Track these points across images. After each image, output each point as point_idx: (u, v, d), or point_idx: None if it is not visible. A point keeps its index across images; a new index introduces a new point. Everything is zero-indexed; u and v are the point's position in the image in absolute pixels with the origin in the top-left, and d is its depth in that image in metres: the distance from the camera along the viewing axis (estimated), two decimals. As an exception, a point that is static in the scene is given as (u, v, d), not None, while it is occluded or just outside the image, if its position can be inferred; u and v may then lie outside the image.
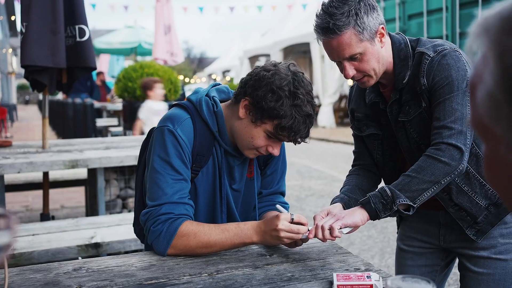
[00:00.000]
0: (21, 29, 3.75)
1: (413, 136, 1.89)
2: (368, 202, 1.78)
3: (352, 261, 1.74)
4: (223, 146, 1.88)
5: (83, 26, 3.86)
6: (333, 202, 1.96)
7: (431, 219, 2.07)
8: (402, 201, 1.75)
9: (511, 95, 0.57)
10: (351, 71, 1.82)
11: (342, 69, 1.85)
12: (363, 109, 2.06)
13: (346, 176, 2.16)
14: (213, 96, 1.90)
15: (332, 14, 1.75)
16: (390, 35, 1.91)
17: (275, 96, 1.71)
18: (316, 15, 1.81)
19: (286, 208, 2.02)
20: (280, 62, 1.83)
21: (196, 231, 1.74)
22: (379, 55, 1.82)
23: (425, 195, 1.76)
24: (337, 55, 1.81)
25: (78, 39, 3.84)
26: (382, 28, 1.81)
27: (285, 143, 1.96)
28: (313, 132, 1.86)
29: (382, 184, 2.07)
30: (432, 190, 1.77)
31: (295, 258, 1.77)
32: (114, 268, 1.67)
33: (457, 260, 2.13)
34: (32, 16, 3.70)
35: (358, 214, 1.77)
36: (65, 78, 4.01)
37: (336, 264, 1.71)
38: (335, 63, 1.89)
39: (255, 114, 1.76)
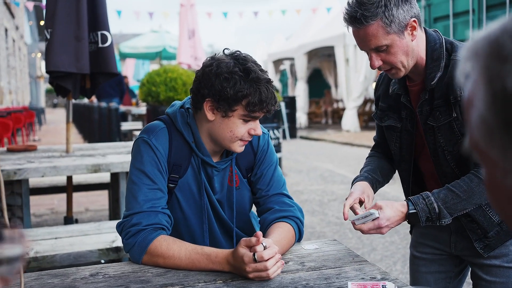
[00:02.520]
0: (45, 36, 3.82)
1: (440, 141, 1.87)
2: (416, 215, 1.80)
3: (368, 270, 1.72)
4: (200, 156, 1.90)
5: (105, 32, 3.91)
6: (357, 180, 2.00)
7: (442, 226, 2.02)
8: (446, 222, 1.79)
9: (502, 120, 0.56)
10: (377, 62, 1.81)
11: (370, 59, 1.84)
12: (387, 99, 2.05)
13: (366, 158, 2.20)
14: (187, 108, 1.92)
15: (362, 4, 1.74)
16: (426, 31, 1.88)
17: (231, 81, 1.74)
18: (348, 3, 1.80)
19: (290, 205, 1.98)
20: (215, 54, 1.86)
21: (165, 256, 1.72)
22: (408, 49, 1.79)
23: (464, 212, 1.82)
24: (363, 45, 1.81)
25: (100, 45, 3.89)
26: (414, 21, 1.77)
27: (269, 151, 2.01)
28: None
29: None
30: (472, 209, 1.83)
31: (311, 266, 1.76)
32: (130, 274, 1.68)
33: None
34: (57, 23, 3.77)
35: (398, 221, 1.81)
36: (89, 84, 4.07)
37: (352, 273, 1.70)
38: (360, 64, 1.90)
39: (223, 108, 1.78)
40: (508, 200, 0.61)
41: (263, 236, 1.90)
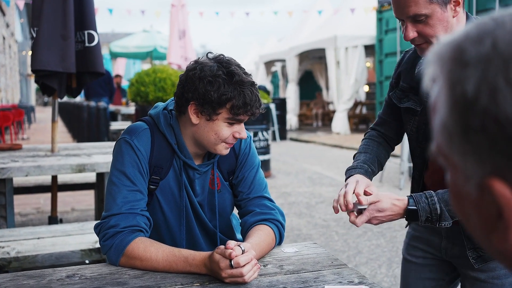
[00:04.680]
0: (31, 34, 3.80)
1: None
2: (415, 213, 1.69)
3: (346, 274, 1.72)
4: (182, 159, 1.90)
5: (92, 32, 3.89)
6: (356, 171, 1.88)
7: (435, 229, 1.97)
8: (446, 225, 1.69)
9: (461, 126, 0.56)
10: (412, 33, 1.67)
11: (404, 29, 1.70)
12: (409, 80, 1.92)
13: (366, 138, 2.08)
14: (170, 110, 1.92)
15: None
16: (467, 15, 1.75)
17: (215, 84, 1.74)
18: None
19: (271, 214, 1.96)
20: (199, 58, 1.86)
21: (142, 258, 1.71)
22: (448, 24, 1.66)
23: None
24: (401, 12, 1.66)
25: (87, 44, 3.87)
26: None
27: (250, 154, 2.01)
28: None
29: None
30: None
31: (289, 269, 1.76)
32: (107, 276, 1.67)
33: None
34: (43, 21, 3.74)
35: (391, 216, 1.70)
36: (75, 83, 4.04)
37: (330, 276, 1.70)
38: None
39: (207, 111, 1.78)
40: (468, 206, 0.61)
41: (243, 239, 1.91)
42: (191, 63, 1.86)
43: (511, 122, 0.52)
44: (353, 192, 1.74)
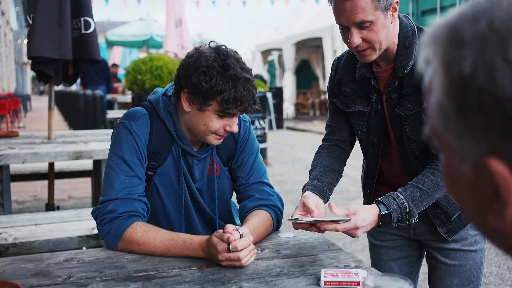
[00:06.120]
0: (27, 21, 3.78)
1: (406, 129, 1.86)
2: (388, 217, 1.72)
3: (343, 258, 1.74)
4: (180, 145, 1.89)
5: (88, 19, 3.87)
6: (305, 188, 1.91)
7: None
8: (414, 220, 1.76)
9: (458, 106, 0.57)
10: (357, 39, 1.70)
11: (348, 36, 1.72)
12: (351, 84, 1.97)
13: (316, 153, 2.11)
14: (170, 95, 1.91)
15: None
16: (399, 17, 1.82)
17: (208, 75, 1.72)
18: None
19: (269, 200, 1.97)
20: (200, 46, 1.84)
21: (140, 242, 1.72)
22: (388, 30, 1.73)
23: (426, 207, 1.81)
24: (347, 19, 1.69)
25: (83, 31, 3.85)
26: (397, 3, 1.72)
27: (249, 139, 2.01)
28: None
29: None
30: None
31: (286, 253, 1.77)
32: (105, 260, 1.68)
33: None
34: (39, 8, 3.72)
35: (371, 223, 1.71)
36: (71, 70, 4.03)
37: (326, 261, 1.71)
38: (340, 35, 1.77)
39: (198, 101, 1.77)
40: (463, 187, 0.62)
41: (241, 223, 1.92)
42: (192, 50, 1.85)
43: (509, 99, 0.52)
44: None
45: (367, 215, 1.69)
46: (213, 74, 1.72)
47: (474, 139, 0.56)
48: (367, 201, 2.15)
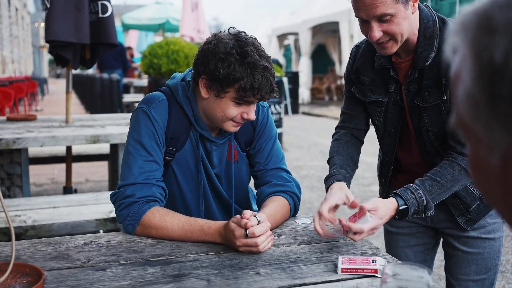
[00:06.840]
0: (45, 5, 3.79)
1: (425, 121, 1.84)
2: (406, 209, 1.71)
3: (360, 245, 1.73)
4: (199, 131, 1.89)
5: (106, 2, 3.87)
6: (336, 178, 1.89)
7: None
8: (430, 214, 1.75)
9: (488, 95, 0.55)
10: (378, 33, 1.67)
11: (368, 30, 1.69)
12: (369, 73, 1.94)
13: (334, 140, 2.09)
14: (188, 81, 1.89)
15: None
16: (419, 7, 1.78)
17: (225, 62, 1.70)
18: None
19: (288, 186, 1.97)
20: (220, 31, 1.81)
21: (158, 227, 1.73)
22: (409, 21, 1.70)
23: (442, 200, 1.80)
24: (367, 13, 1.65)
25: (100, 15, 3.86)
26: None
27: (268, 124, 2.00)
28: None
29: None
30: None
31: (303, 240, 1.77)
32: (123, 244, 1.70)
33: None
34: (57, -8, 3.72)
35: (388, 219, 1.71)
36: (89, 54, 4.04)
37: (343, 248, 1.71)
38: (359, 27, 1.75)
39: (216, 88, 1.75)
40: (490, 177, 0.61)
41: (258, 209, 1.92)
42: (212, 35, 1.82)
43: None
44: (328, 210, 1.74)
45: (385, 211, 1.69)
46: (231, 62, 1.70)
47: (504, 129, 0.55)
48: (382, 189, 2.15)
